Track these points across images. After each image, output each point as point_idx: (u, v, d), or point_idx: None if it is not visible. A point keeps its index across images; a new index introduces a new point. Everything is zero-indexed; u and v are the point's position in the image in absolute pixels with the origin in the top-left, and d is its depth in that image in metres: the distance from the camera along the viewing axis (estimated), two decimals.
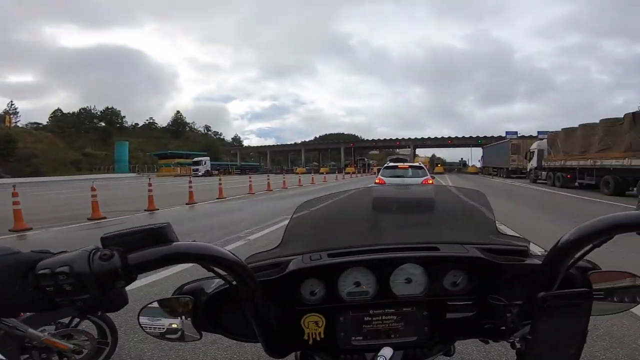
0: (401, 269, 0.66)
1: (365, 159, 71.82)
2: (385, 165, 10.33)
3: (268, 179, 16.53)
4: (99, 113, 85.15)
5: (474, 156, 62.67)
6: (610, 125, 13.15)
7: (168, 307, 0.62)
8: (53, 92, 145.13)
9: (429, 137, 69.60)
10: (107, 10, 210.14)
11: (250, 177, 15.86)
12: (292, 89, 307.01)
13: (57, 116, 79.37)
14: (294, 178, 26.38)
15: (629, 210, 0.49)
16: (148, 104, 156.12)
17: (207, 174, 45.61)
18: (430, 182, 8.41)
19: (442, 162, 72.20)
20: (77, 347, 1.82)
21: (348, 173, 43.37)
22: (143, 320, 0.61)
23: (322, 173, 41.00)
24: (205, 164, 50.10)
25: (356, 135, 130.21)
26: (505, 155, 31.78)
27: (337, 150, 76.49)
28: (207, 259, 0.51)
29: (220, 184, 13.06)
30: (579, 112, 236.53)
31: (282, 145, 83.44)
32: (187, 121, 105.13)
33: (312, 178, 23.51)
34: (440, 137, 69.80)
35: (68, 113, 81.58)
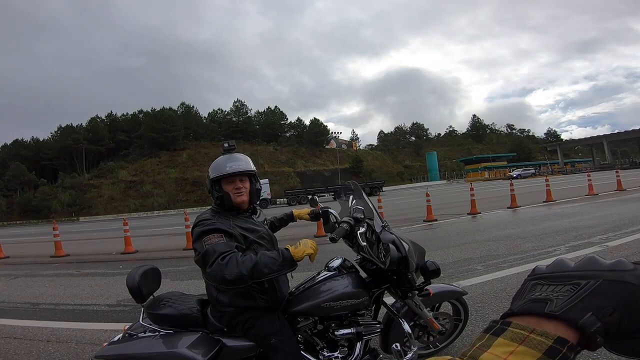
0: None
1: None
2: None
3: (617, 176, 12.59)
4: (408, 129, 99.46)
5: None
6: None
7: None
8: (372, 117, 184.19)
9: None
10: (378, 39, 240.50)
11: (589, 176, 12.73)
12: (616, 62, 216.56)
13: (382, 137, 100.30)
14: None
15: None
16: (442, 114, 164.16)
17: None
18: None
19: None
20: (442, 329, 2.09)
21: None
22: None
23: None
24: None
25: None
26: None
27: None
28: None
29: (547, 185, 11.43)
30: None
31: (627, 132, 59.16)
32: (486, 123, 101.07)
33: None
34: None
35: (388, 133, 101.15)
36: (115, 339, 1.74)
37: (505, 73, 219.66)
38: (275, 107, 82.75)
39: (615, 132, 62.02)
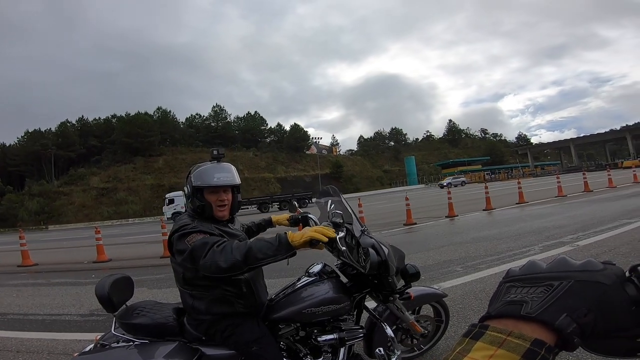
0: None
1: None
2: None
3: (584, 178, 13.25)
4: (387, 134, 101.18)
5: None
6: None
7: None
8: (352, 122, 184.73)
9: None
10: (358, 45, 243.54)
11: (558, 178, 13.34)
12: (581, 67, 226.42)
13: (361, 142, 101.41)
14: (623, 174, 19.73)
15: None
16: (420, 119, 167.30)
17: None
18: None
19: None
20: (425, 331, 2.16)
21: None
22: None
23: None
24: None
25: None
26: None
27: None
28: None
29: (519, 187, 11.89)
30: None
31: (592, 135, 62.18)
32: (461, 128, 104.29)
33: None
34: None
35: (368, 138, 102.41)
36: (87, 349, 1.67)
37: (479, 78, 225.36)
38: (255, 112, 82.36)
39: (581, 135, 65.57)
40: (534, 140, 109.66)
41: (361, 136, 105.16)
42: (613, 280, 0.35)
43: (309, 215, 2.11)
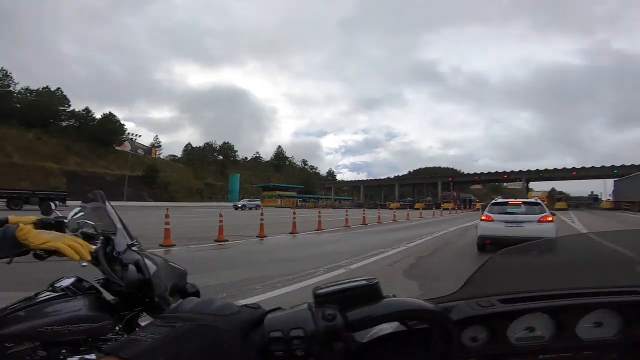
0: (591, 314, 0.59)
1: (472, 197, 68.15)
2: (493, 201, 9.47)
3: (364, 214, 16.93)
4: (218, 147, 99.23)
5: (608, 189, 54.49)
6: None
7: None
8: (184, 127, 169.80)
9: (545, 169, 63.42)
10: (218, 52, 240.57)
11: (347, 212, 16.56)
12: (384, 122, 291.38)
13: (188, 149, 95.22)
14: (388, 213, 26.22)
15: None
16: (253, 139, 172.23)
17: None
18: (550, 219, 7.60)
19: (566, 197, 65.03)
20: None
21: (446, 209, 41.11)
22: None
23: (418, 209, 39.70)
24: None
25: (454, 168, 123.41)
26: None
27: (433, 185, 73.54)
28: (416, 315, 0.43)
29: (319, 216, 13.97)
30: None
31: (375, 180, 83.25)
32: (287, 155, 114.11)
33: (407, 214, 23.01)
34: (560, 168, 63.08)
35: (196, 147, 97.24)
36: None
37: (313, 113, 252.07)
38: (58, 88, 64.49)
39: (370, 179, 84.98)
40: (339, 177, 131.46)
41: (189, 144, 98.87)
42: (233, 327, 0.35)
43: (66, 221, 1.84)
